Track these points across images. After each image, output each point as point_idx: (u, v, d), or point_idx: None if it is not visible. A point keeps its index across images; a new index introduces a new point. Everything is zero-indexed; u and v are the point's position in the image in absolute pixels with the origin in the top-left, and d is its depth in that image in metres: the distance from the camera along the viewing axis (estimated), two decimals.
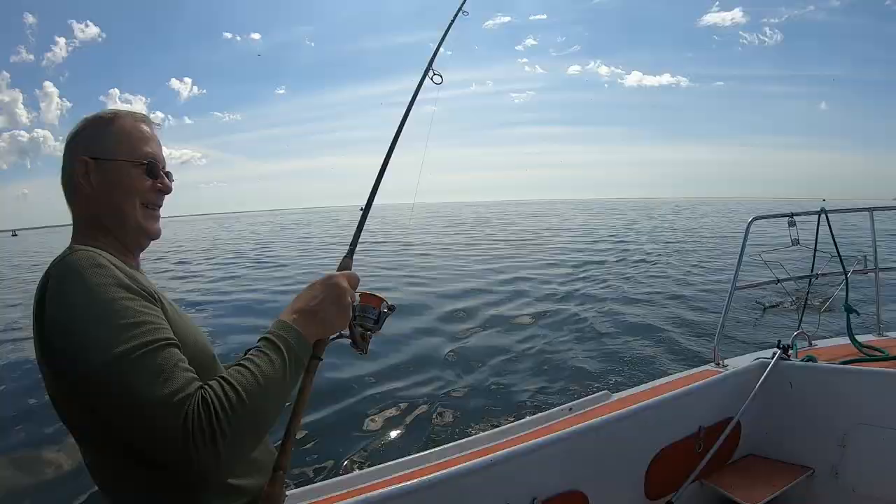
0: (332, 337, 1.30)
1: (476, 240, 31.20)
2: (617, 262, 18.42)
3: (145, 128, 1.30)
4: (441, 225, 49.72)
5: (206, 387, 0.98)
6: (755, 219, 3.51)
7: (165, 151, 1.34)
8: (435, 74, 1.80)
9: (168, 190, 1.31)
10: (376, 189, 1.62)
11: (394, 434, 5.59)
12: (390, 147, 1.68)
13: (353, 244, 1.48)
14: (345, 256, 1.41)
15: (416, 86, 1.81)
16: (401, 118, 1.75)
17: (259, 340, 1.13)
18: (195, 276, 19.16)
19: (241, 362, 1.06)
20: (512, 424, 2.61)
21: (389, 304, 1.40)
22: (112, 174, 1.23)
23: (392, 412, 6.11)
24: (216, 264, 23.35)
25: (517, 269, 17.16)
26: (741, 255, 3.45)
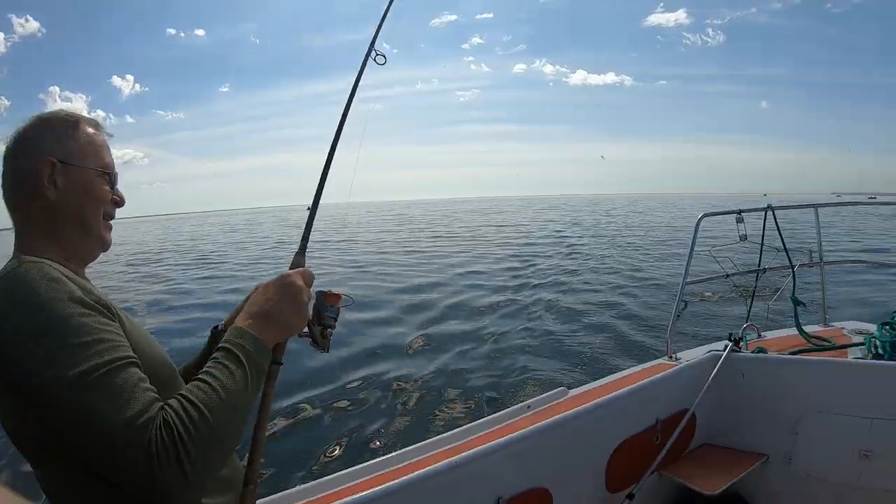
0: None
1: (423, 238, 31.20)
2: (566, 259, 18.70)
3: (103, 135, 1.26)
4: (385, 223, 49.69)
5: (166, 407, 0.94)
6: (704, 216, 3.59)
7: None
8: (378, 55, 1.73)
9: (123, 203, 1.27)
10: (322, 185, 1.58)
11: (351, 437, 5.55)
12: (335, 137, 1.63)
13: (304, 240, 1.43)
14: (296, 253, 1.37)
15: (358, 69, 1.73)
16: (344, 106, 1.68)
17: (216, 351, 1.08)
18: (142, 279, 18.63)
19: (201, 377, 1.02)
20: (471, 424, 2.60)
21: (346, 298, 1.37)
22: (80, 181, 1.18)
23: (347, 416, 6.07)
24: (158, 268, 22.71)
25: (466, 268, 17.24)
26: (691, 251, 3.54)
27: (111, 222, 1.27)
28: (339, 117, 1.66)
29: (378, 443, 5.36)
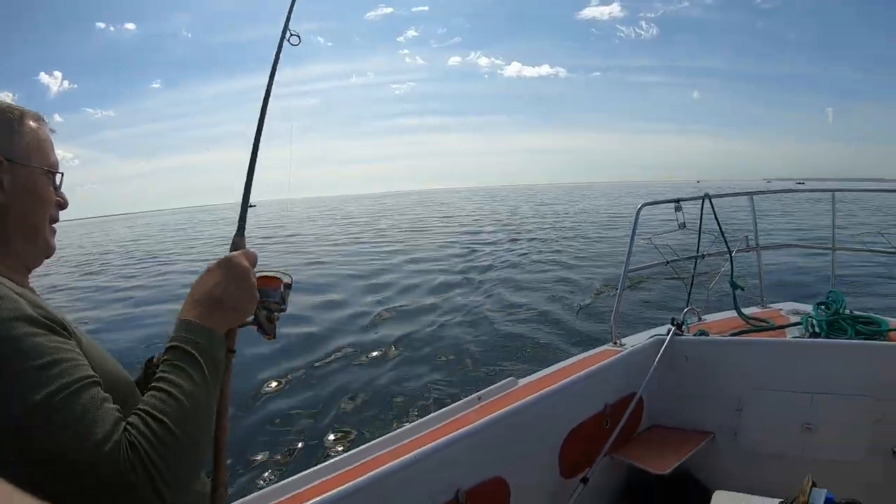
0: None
1: (360, 233, 30.99)
2: (507, 251, 18.81)
3: (47, 130, 1.14)
4: (321, 219, 49.14)
5: (128, 427, 0.88)
6: (644, 205, 3.67)
7: None
8: (292, 35, 1.62)
9: (67, 205, 1.17)
10: (253, 165, 1.44)
11: (302, 437, 5.50)
12: (260, 119, 1.55)
13: (242, 220, 1.31)
14: (235, 235, 1.27)
15: (275, 52, 1.63)
16: (264, 93, 1.57)
17: (166, 352, 1.01)
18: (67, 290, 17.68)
19: (156, 384, 0.95)
20: (425, 418, 2.60)
21: (287, 280, 1.28)
22: (27, 181, 1.08)
23: (295, 415, 6.02)
24: (91, 274, 21.76)
25: (408, 262, 17.26)
26: (632, 239, 3.61)
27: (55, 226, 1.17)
28: (263, 103, 1.57)
29: (332, 438, 5.34)
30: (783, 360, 3.04)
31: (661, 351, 3.16)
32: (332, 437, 5.37)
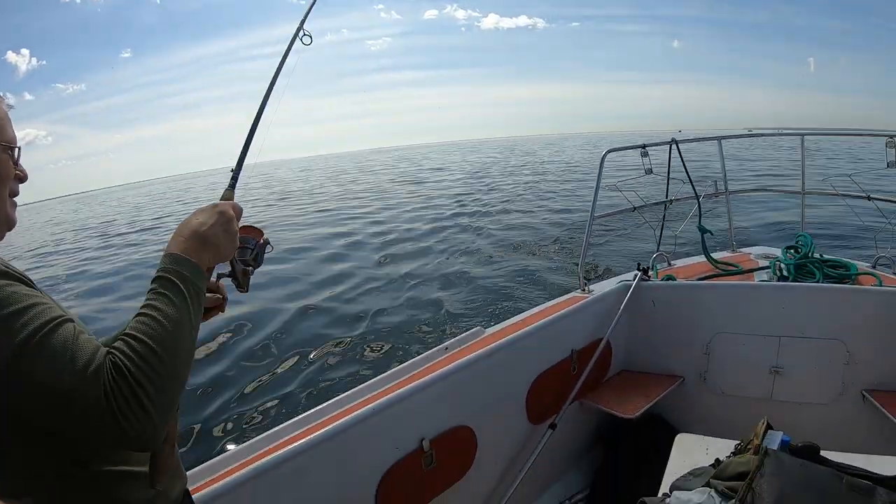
0: (218, 272, 1.27)
1: (333, 191, 30.77)
2: (478, 202, 18.84)
3: (3, 107, 1.13)
4: (294, 179, 48.64)
5: (113, 350, 0.91)
6: (608, 151, 3.61)
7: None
8: (305, 35, 1.72)
9: (25, 177, 1.17)
10: (255, 126, 1.53)
11: (278, 395, 5.56)
12: (259, 109, 1.57)
13: (235, 177, 1.40)
14: (226, 189, 1.34)
15: (284, 48, 1.72)
16: (269, 82, 1.63)
17: (153, 282, 1.04)
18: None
19: (142, 311, 0.98)
20: (390, 371, 2.58)
21: (266, 238, 1.37)
22: None
23: (270, 373, 6.08)
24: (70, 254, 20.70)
25: (378, 216, 17.33)
26: (597, 186, 3.56)
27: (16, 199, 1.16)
28: (250, 79, 1.60)
29: (303, 396, 5.39)
30: (749, 303, 3.05)
31: (627, 296, 3.16)
32: (303, 396, 5.43)
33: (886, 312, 2.79)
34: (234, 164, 1.43)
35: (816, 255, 3.57)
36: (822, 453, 1.66)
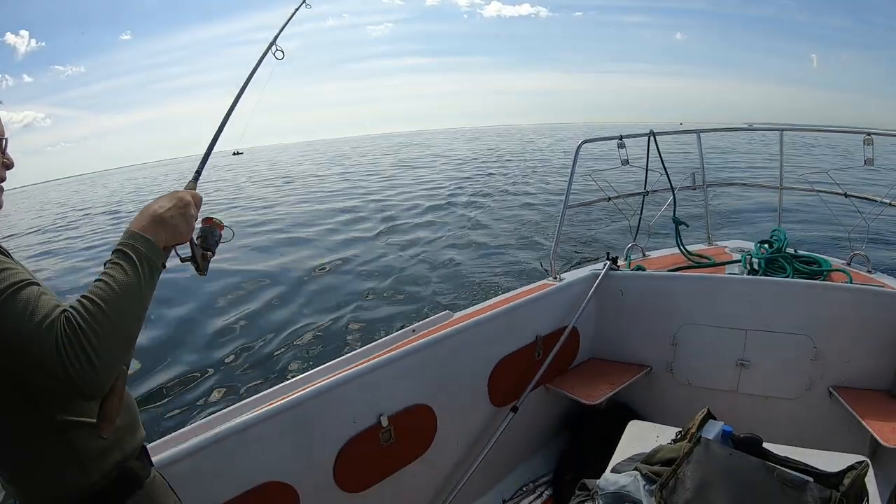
0: (179, 255, 1.38)
1: (319, 178, 30.86)
2: (461, 189, 18.87)
3: None
4: (282, 168, 48.42)
5: (68, 309, 1.04)
6: (584, 142, 3.63)
7: (5, 115, 1.30)
8: (277, 50, 1.90)
9: (12, 164, 1.29)
10: (222, 128, 1.69)
11: (247, 374, 5.68)
12: (226, 114, 1.73)
13: (199, 169, 1.55)
14: (190, 180, 1.49)
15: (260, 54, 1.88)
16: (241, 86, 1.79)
17: (112, 253, 1.17)
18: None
19: (98, 277, 1.12)
20: (357, 351, 2.62)
21: (228, 229, 1.49)
22: None
23: (246, 350, 6.20)
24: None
25: (358, 202, 17.39)
26: (571, 175, 3.58)
27: (3, 185, 1.29)
28: (249, 63, 1.82)
29: (274, 377, 5.46)
30: (717, 295, 3.06)
31: (595, 285, 3.18)
32: (273, 376, 5.52)
33: (854, 310, 2.80)
34: (231, 147, 1.55)
35: (790, 251, 3.59)
36: (774, 447, 1.67)
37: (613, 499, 1.61)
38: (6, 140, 1.26)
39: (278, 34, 1.93)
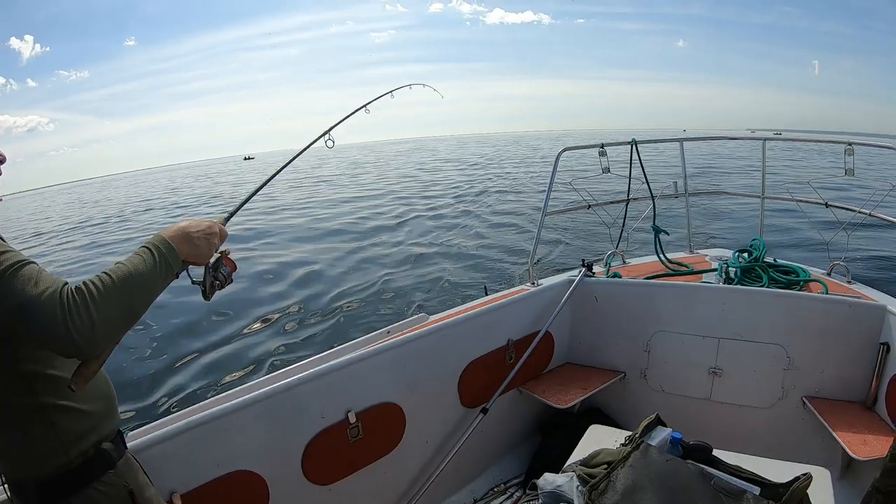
0: (191, 276, 1.49)
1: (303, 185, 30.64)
2: (450, 195, 18.97)
3: None
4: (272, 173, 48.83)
5: (85, 280, 1.17)
6: (564, 150, 3.67)
7: (9, 120, 1.23)
8: (329, 139, 2.13)
9: (4, 160, 1.37)
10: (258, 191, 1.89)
11: (224, 369, 5.83)
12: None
13: (232, 214, 1.72)
14: (224, 216, 1.64)
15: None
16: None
17: (137, 248, 1.32)
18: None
19: (119, 260, 1.26)
20: (332, 350, 2.67)
21: (236, 266, 1.61)
22: None
23: (224, 354, 6.29)
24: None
25: (343, 207, 17.57)
26: (551, 183, 3.62)
27: None
28: (256, 69, 1.82)
29: (250, 371, 5.65)
30: (690, 304, 3.09)
31: (569, 291, 3.22)
32: (250, 369, 5.71)
33: (827, 320, 2.80)
34: (236, 153, 1.61)
35: (770, 260, 3.59)
36: (730, 455, 1.70)
37: (551, 498, 1.67)
38: None
39: (336, 125, 2.14)
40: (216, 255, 1.53)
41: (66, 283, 1.16)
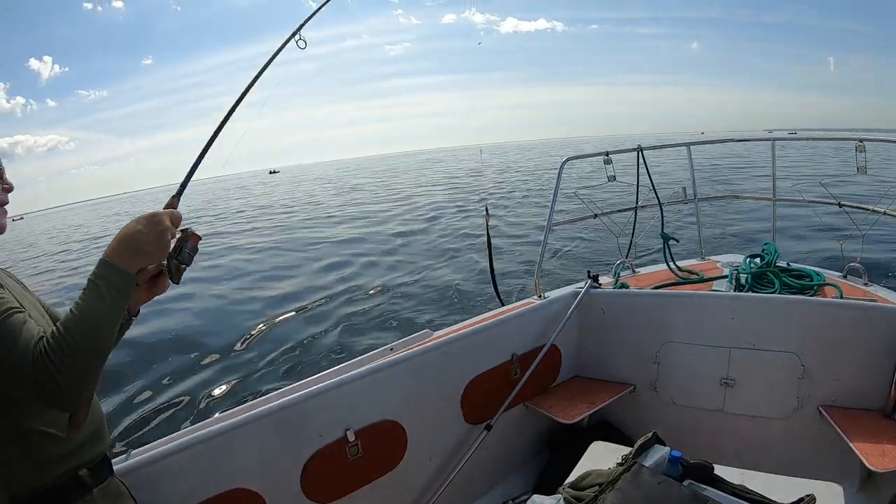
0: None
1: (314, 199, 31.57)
2: (460, 209, 18.96)
3: None
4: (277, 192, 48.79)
5: (45, 335, 1.18)
6: (568, 160, 3.63)
7: (30, 139, 1.19)
8: (300, 39, 1.91)
9: (12, 188, 1.40)
10: (209, 147, 1.66)
11: (222, 388, 5.83)
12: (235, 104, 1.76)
13: (183, 185, 1.56)
14: (173, 196, 1.48)
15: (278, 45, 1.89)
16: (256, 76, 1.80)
17: (87, 282, 1.27)
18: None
19: (70, 307, 1.24)
20: (335, 368, 2.64)
21: (200, 237, 1.48)
22: None
23: (223, 364, 6.42)
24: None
25: (351, 223, 17.80)
26: (555, 193, 3.57)
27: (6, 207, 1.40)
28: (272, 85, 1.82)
29: (249, 390, 5.61)
30: (699, 313, 3.00)
31: (575, 303, 3.14)
32: (249, 387, 5.69)
33: (842, 326, 2.69)
34: (261, 167, 1.54)
35: (783, 264, 3.50)
36: (736, 472, 1.66)
37: None
38: (3, 169, 1.39)
39: (306, 22, 1.95)
40: (177, 237, 1.41)
41: (42, 337, 1.19)
